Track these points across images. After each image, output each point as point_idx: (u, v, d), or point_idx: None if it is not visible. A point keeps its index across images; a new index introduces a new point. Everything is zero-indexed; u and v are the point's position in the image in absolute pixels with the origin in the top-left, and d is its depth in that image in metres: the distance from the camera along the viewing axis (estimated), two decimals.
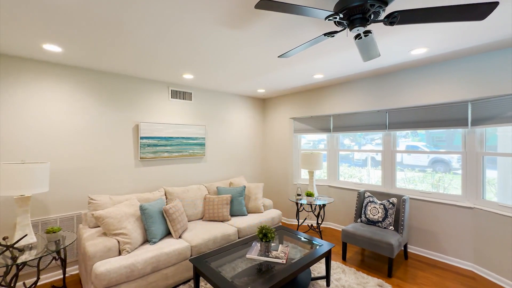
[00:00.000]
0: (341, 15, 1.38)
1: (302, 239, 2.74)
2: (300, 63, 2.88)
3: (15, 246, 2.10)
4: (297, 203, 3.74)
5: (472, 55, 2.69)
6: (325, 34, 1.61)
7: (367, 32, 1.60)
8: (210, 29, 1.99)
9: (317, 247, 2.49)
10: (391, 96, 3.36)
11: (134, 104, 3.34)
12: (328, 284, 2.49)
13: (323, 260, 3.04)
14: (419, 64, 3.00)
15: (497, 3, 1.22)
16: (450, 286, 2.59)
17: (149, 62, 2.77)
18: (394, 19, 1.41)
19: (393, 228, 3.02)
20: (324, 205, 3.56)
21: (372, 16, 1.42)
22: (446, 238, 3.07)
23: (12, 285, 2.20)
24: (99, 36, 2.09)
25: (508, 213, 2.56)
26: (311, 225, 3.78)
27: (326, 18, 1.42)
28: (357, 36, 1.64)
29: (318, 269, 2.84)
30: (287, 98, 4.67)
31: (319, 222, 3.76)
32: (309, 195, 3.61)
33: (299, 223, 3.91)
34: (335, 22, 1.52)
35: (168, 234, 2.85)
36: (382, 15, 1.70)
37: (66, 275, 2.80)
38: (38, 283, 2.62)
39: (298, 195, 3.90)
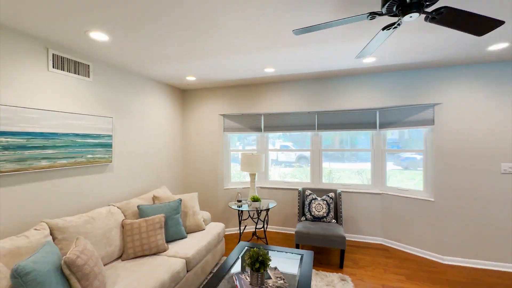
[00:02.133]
0: None
1: (274, 252, 2.38)
2: (262, 51, 2.49)
3: None
4: (239, 211, 3.30)
5: (391, 71, 3.34)
6: (370, 14, 1.37)
7: (396, 26, 1.51)
8: None
9: (300, 258, 2.23)
10: (323, 99, 3.65)
11: None
12: None
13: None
14: (353, 73, 3.40)
15: (502, 22, 1.45)
16: (378, 261, 3.09)
17: None
18: (438, 15, 1.38)
19: (335, 221, 3.27)
20: (268, 209, 3.34)
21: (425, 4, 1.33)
22: (363, 220, 3.69)
23: None
24: None
25: (405, 194, 3.40)
26: (255, 231, 3.46)
27: None
28: (387, 27, 1.52)
29: None
30: (218, 92, 4.08)
31: (265, 227, 3.51)
32: (256, 200, 3.28)
33: (241, 232, 3.49)
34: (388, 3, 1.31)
35: None
36: (432, 7, 1.68)
37: None
38: None
39: (239, 201, 3.47)
